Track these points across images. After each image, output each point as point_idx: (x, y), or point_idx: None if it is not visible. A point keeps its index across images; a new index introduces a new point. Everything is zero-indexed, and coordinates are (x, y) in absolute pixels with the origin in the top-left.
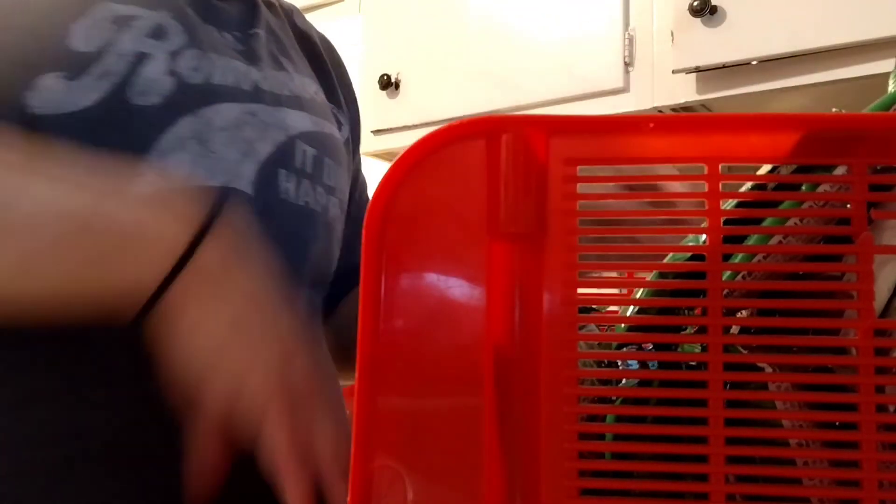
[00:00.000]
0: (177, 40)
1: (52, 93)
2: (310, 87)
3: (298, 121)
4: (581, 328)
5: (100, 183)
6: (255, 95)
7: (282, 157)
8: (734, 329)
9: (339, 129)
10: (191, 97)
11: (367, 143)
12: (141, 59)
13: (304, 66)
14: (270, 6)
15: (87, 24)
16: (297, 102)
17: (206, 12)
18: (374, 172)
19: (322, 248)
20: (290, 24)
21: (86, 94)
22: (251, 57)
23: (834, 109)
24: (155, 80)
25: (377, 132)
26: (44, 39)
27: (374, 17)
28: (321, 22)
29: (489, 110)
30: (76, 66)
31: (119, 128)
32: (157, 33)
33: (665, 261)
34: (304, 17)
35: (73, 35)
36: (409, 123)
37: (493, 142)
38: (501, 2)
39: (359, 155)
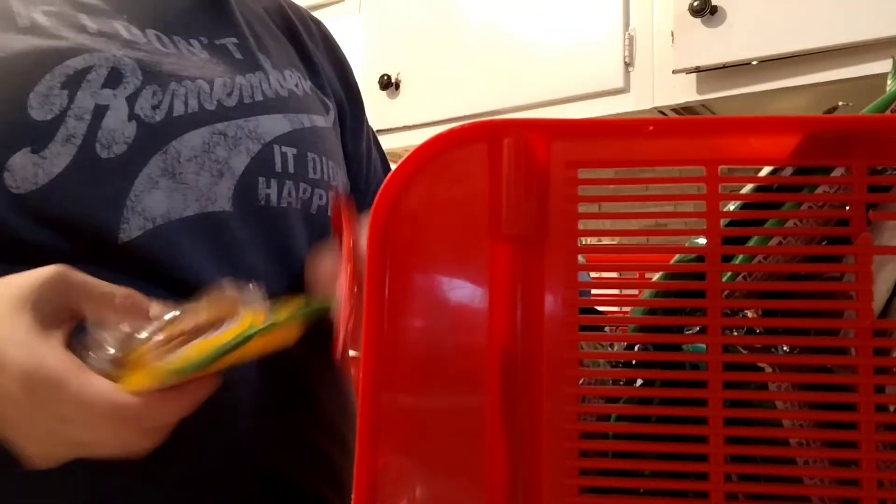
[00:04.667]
0: (133, 82)
1: (24, 170)
2: (289, 81)
3: (273, 125)
4: (583, 329)
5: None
6: (221, 113)
7: (259, 165)
8: (735, 330)
9: (327, 112)
10: (155, 136)
11: None
12: (101, 112)
13: (284, 53)
14: None
15: (43, 91)
16: (271, 105)
17: (171, 24)
18: None
19: (309, 239)
20: (263, 7)
21: (55, 161)
22: (218, 66)
23: (841, 103)
24: (116, 130)
25: (377, 132)
26: (8, 115)
27: (374, 17)
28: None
29: (489, 110)
30: (40, 137)
31: (93, 184)
32: (113, 81)
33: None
34: None
35: (31, 106)
36: (409, 123)
37: (495, 145)
38: (502, 2)
39: (362, 118)
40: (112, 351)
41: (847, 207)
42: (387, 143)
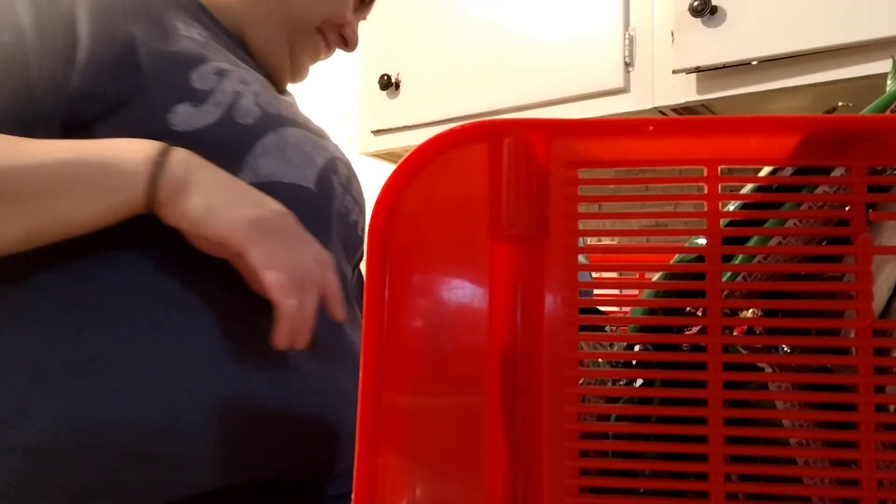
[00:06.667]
0: (256, 87)
1: (186, 115)
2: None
3: (332, 147)
4: (583, 329)
5: None
6: (306, 127)
7: (331, 168)
8: (737, 330)
9: None
10: (271, 121)
11: (368, 143)
12: (238, 95)
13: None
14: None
15: (201, 72)
16: (325, 135)
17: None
18: (374, 172)
19: (360, 240)
20: None
21: (207, 116)
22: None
23: (841, 104)
24: (248, 108)
25: (377, 132)
26: (176, 80)
27: (374, 17)
28: None
29: (489, 110)
30: (198, 98)
31: (229, 138)
32: (244, 81)
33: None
34: None
35: (193, 79)
36: (409, 123)
37: (495, 145)
38: (501, 2)
39: None
40: None
41: (847, 207)
42: (387, 143)
